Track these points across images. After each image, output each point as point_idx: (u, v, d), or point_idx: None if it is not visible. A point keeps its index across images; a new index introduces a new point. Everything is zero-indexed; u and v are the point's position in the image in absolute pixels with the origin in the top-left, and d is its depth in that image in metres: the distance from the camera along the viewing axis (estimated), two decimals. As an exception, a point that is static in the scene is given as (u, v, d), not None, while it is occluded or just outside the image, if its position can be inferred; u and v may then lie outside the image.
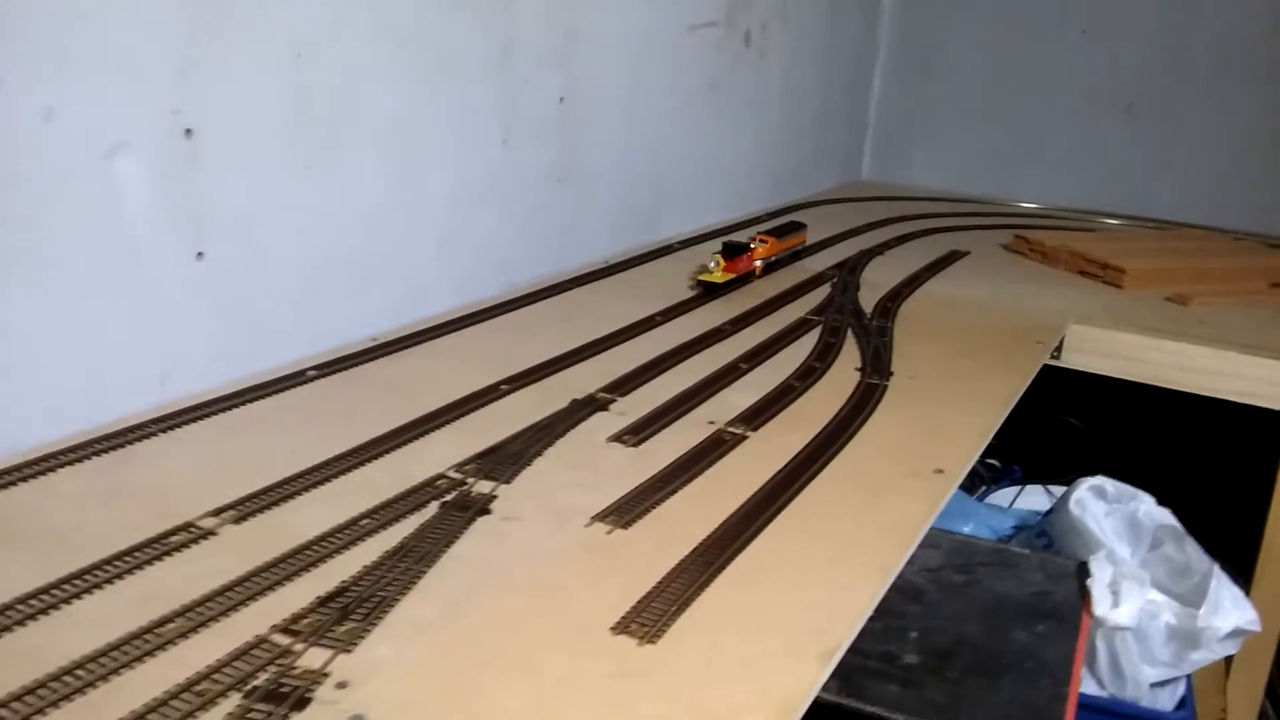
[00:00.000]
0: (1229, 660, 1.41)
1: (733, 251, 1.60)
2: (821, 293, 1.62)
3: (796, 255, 1.81)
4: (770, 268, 1.70)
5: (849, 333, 1.41)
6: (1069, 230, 2.20)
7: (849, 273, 1.75)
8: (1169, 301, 1.73)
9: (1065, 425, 1.79)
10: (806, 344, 1.36)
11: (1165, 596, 1.06)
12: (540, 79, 1.52)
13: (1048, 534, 1.24)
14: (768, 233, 1.73)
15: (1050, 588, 0.97)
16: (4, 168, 0.87)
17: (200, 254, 1.04)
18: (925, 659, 0.85)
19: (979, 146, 2.72)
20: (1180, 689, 1.10)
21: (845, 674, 0.78)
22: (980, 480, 1.65)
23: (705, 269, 1.58)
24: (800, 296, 1.59)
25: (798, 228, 1.82)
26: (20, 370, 0.91)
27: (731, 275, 1.58)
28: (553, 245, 1.62)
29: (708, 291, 1.55)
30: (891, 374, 1.26)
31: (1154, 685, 1.07)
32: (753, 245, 1.65)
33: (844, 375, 1.25)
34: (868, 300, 1.59)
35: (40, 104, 0.88)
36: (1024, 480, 1.62)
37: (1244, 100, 2.38)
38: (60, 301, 0.93)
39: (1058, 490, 1.46)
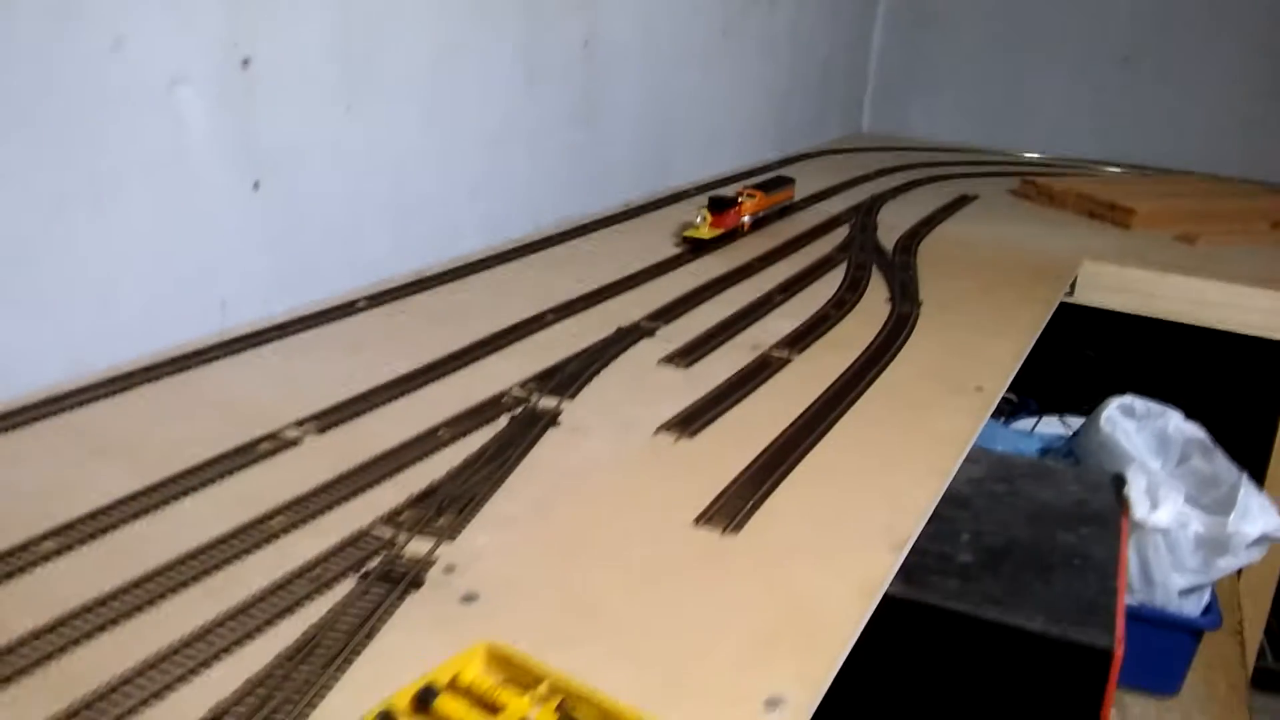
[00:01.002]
0: (1239, 575, 1.46)
1: (720, 206, 1.54)
2: (840, 233, 1.65)
3: (785, 211, 1.74)
4: (759, 223, 1.63)
5: (874, 268, 1.45)
6: (1073, 176, 2.24)
7: (865, 215, 1.78)
8: (1177, 240, 1.77)
9: (1079, 360, 1.83)
10: (834, 278, 1.39)
11: (1193, 508, 1.11)
12: (565, 22, 1.53)
13: (1075, 454, 1.29)
14: (755, 187, 1.66)
15: (1088, 496, 1.01)
16: (75, 95, 0.88)
17: (256, 184, 1.06)
18: (979, 558, 0.89)
19: (978, 98, 2.75)
20: (1206, 596, 1.15)
21: (907, 571, 0.82)
22: (998, 413, 1.69)
23: (691, 224, 1.51)
24: (821, 237, 1.62)
25: (785, 182, 1.75)
26: (89, 294, 0.93)
27: (719, 231, 1.52)
28: (576, 187, 1.64)
29: (694, 248, 1.48)
30: (921, 304, 1.30)
31: (1182, 592, 1.12)
32: (740, 200, 1.59)
33: (875, 305, 1.29)
34: (887, 240, 1.62)
35: (111, 32, 0.89)
36: (1040, 412, 1.67)
37: (1240, 49, 2.42)
38: (127, 228, 0.95)
39: (1074, 421, 1.50)
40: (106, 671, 0.55)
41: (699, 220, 1.51)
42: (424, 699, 0.53)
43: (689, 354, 1.08)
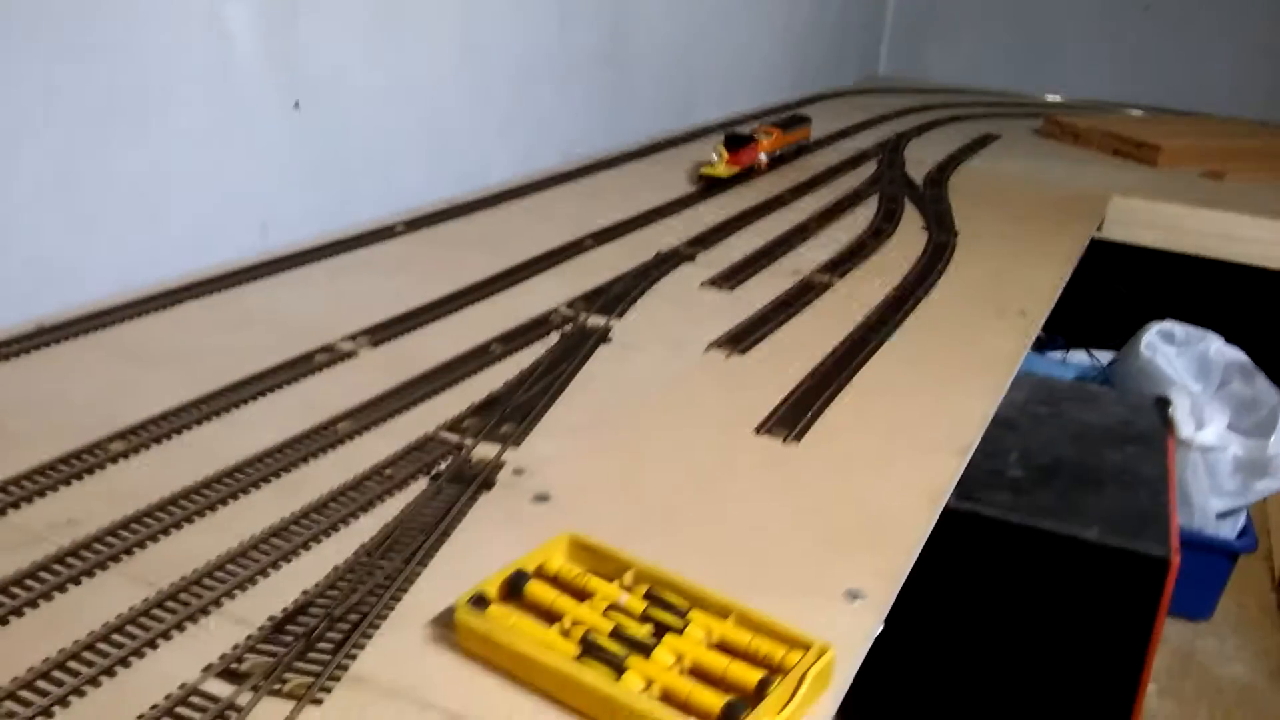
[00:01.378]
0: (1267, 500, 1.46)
1: (736, 144, 1.49)
2: (868, 169, 1.64)
3: (801, 151, 1.69)
4: (775, 162, 1.58)
5: (906, 200, 1.44)
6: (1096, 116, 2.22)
7: (890, 152, 1.77)
8: (1204, 178, 1.76)
9: (1107, 296, 1.82)
10: (868, 209, 1.39)
11: (1233, 431, 1.11)
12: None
13: (1111, 381, 1.29)
14: (773, 125, 1.61)
15: (1131, 418, 1.01)
16: (124, 6, 0.87)
17: (297, 104, 1.05)
18: (1030, 474, 0.89)
19: (996, 41, 2.72)
20: (1241, 520, 1.15)
21: (960, 486, 0.82)
22: (1026, 348, 1.69)
23: (708, 163, 1.46)
24: (849, 171, 1.61)
25: (802, 121, 1.71)
26: (136, 212, 0.92)
27: (736, 169, 1.46)
28: (603, 122, 1.63)
29: (711, 186, 1.43)
30: (957, 233, 1.29)
31: (1219, 515, 1.13)
32: (757, 137, 1.54)
33: (911, 234, 1.28)
34: (915, 174, 1.61)
35: (154, -64, 0.87)
36: (1068, 347, 1.66)
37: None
38: (172, 145, 0.94)
39: (1104, 355, 1.50)
40: (191, 562, 0.56)
41: (715, 158, 1.46)
42: (514, 585, 0.53)
43: (731, 278, 1.07)
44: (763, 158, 1.54)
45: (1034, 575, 0.83)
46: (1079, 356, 1.59)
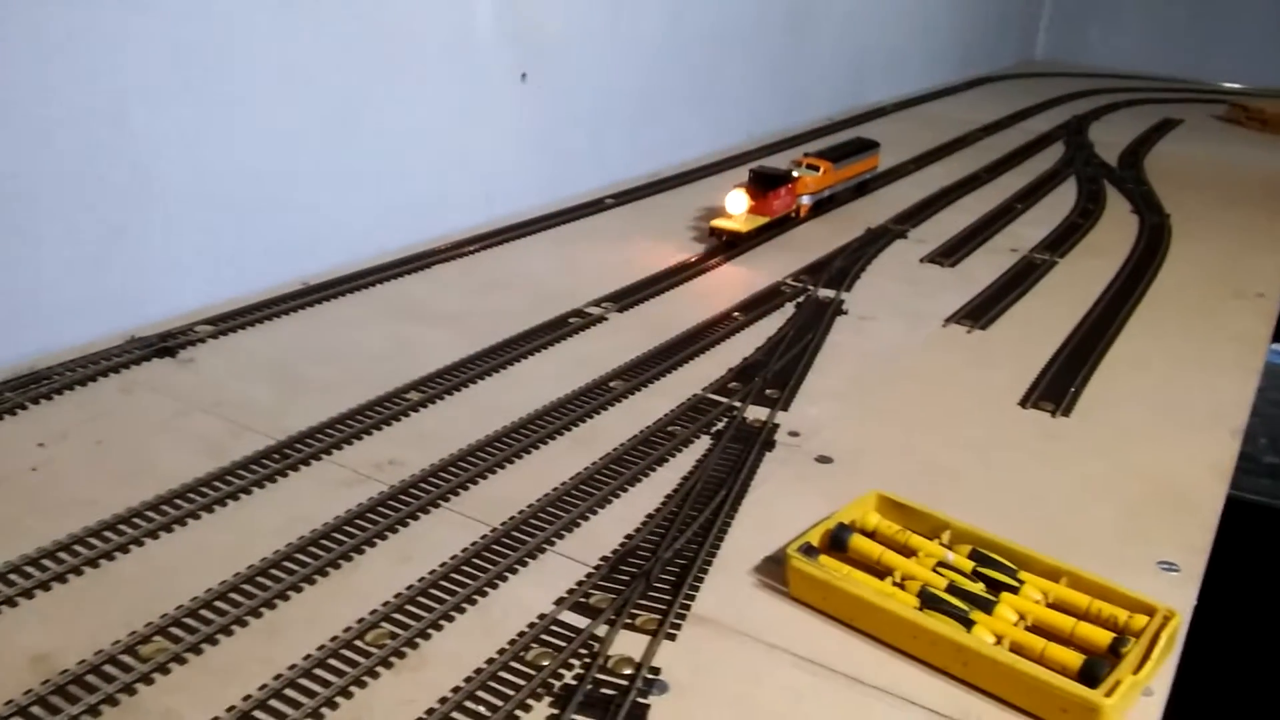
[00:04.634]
0: None
1: (765, 185, 1.06)
2: (1056, 150, 1.60)
3: (863, 187, 1.26)
4: (821, 205, 1.16)
5: (1105, 182, 1.40)
6: (1281, 102, 2.12)
7: (1074, 134, 1.72)
8: None
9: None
10: (1069, 190, 1.35)
11: None
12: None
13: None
14: (820, 155, 1.17)
15: (1380, 408, 0.97)
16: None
17: (524, 75, 1.07)
18: (1285, 459, 0.87)
19: (1161, 24, 2.62)
20: None
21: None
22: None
23: (722, 212, 1.04)
24: (1039, 152, 1.58)
25: (868, 147, 1.26)
26: (385, 173, 0.96)
27: (762, 220, 1.05)
28: (784, 100, 1.63)
29: (728, 245, 1.02)
30: (1169, 215, 1.25)
31: None
32: (795, 174, 1.12)
33: (1121, 215, 1.25)
34: (1106, 156, 1.57)
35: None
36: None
37: None
38: (420, 112, 0.98)
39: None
40: (513, 504, 0.58)
41: (731, 206, 1.04)
42: (839, 538, 0.54)
43: (949, 254, 1.06)
44: (804, 201, 1.13)
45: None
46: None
